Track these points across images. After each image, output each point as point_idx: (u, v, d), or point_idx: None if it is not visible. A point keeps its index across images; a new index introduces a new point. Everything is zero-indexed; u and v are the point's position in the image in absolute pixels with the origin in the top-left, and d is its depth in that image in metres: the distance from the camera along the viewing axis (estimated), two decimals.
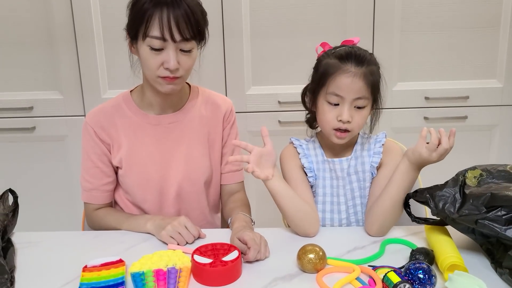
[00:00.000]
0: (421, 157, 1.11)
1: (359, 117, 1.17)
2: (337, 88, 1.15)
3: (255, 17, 1.99)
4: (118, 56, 1.99)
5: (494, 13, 1.97)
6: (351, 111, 1.16)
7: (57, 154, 2.14)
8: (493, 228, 0.96)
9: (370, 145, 1.26)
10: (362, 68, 1.15)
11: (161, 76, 1.17)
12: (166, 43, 1.14)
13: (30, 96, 2.08)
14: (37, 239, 1.20)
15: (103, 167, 1.30)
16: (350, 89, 1.14)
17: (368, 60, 1.17)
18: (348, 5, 1.97)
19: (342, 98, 1.15)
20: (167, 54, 1.14)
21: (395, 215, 1.16)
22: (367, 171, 1.25)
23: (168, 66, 1.15)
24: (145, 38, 1.13)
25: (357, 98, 1.15)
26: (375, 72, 1.18)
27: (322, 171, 1.25)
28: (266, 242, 1.10)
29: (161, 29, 1.11)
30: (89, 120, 1.28)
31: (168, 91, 1.20)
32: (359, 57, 1.16)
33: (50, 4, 1.98)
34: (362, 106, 1.17)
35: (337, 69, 1.15)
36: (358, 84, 1.14)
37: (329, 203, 1.26)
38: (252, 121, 2.08)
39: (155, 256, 1.06)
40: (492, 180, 1.04)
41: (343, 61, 1.16)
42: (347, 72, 1.14)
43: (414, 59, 2.04)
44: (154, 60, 1.15)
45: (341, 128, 1.16)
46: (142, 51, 1.16)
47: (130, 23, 1.17)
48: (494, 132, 2.10)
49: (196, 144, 1.32)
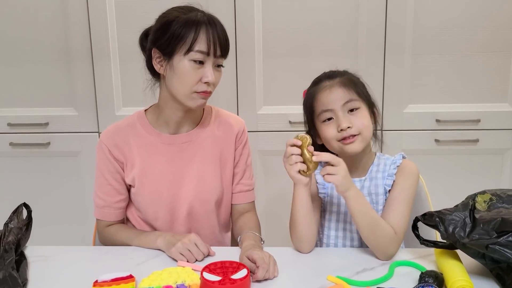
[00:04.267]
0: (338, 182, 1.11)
1: (358, 119, 1.17)
2: (322, 105, 1.19)
3: (268, 38, 2.03)
4: (133, 74, 2.03)
5: (506, 37, 1.98)
6: (347, 117, 1.17)
7: (70, 170, 2.17)
8: (504, 253, 0.96)
9: (386, 166, 1.25)
10: (336, 79, 1.20)
11: (198, 91, 1.21)
12: (207, 58, 1.20)
13: (46, 112, 2.13)
14: (49, 253, 1.21)
15: (116, 185, 1.32)
16: (334, 98, 1.18)
17: (340, 73, 1.23)
18: (360, 27, 2.00)
19: (332, 111, 1.18)
20: (207, 68, 1.20)
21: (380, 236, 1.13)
22: (381, 194, 1.24)
23: (208, 80, 1.20)
24: (189, 53, 1.18)
25: (345, 103, 1.17)
26: (353, 79, 1.22)
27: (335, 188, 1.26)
28: (275, 261, 1.10)
29: (208, 44, 1.18)
30: (104, 139, 1.31)
31: (199, 106, 1.25)
32: (330, 73, 1.23)
33: (68, 23, 2.04)
34: (355, 107, 1.18)
35: (315, 91, 1.21)
36: (338, 91, 1.18)
37: (342, 222, 1.26)
38: (263, 141, 2.10)
39: (164, 272, 1.07)
40: (502, 205, 1.03)
41: (318, 83, 1.23)
42: (323, 87, 1.20)
43: (425, 82, 2.05)
44: (194, 74, 1.20)
45: (346, 136, 1.17)
46: (180, 67, 1.20)
47: (168, 40, 1.19)
48: (506, 156, 2.09)
49: (208, 164, 1.34)
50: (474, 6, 1.97)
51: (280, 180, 2.13)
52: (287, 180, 1.93)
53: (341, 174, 1.11)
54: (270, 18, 2.01)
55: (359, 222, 1.14)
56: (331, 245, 1.28)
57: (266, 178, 2.14)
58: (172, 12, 1.22)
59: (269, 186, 2.15)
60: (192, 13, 1.20)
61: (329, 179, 1.12)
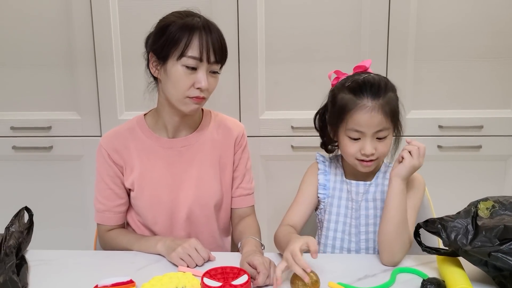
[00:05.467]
0: (414, 168, 1.14)
1: (382, 146, 1.17)
2: (356, 125, 1.15)
3: (270, 43, 2.03)
4: (135, 79, 2.04)
5: (509, 43, 1.98)
6: (374, 143, 1.16)
7: (73, 174, 2.17)
8: (507, 261, 0.95)
9: None
10: (379, 100, 1.14)
11: (190, 96, 1.21)
12: (200, 63, 1.19)
13: (48, 116, 2.13)
14: (50, 257, 1.21)
15: (116, 189, 1.32)
16: (370, 124, 1.14)
17: (383, 89, 1.16)
18: (363, 32, 2.00)
19: (362, 133, 1.15)
20: (200, 74, 1.20)
21: (401, 240, 1.14)
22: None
23: (200, 85, 1.19)
24: (181, 58, 1.18)
25: (377, 131, 1.15)
26: (393, 99, 1.18)
27: (339, 190, 1.26)
28: (276, 267, 1.10)
29: (200, 50, 1.17)
30: (103, 143, 1.31)
31: (192, 111, 1.24)
32: (374, 88, 1.15)
33: (72, 28, 2.05)
34: (383, 136, 1.16)
35: (354, 106, 1.14)
36: (377, 118, 1.14)
37: (342, 223, 1.26)
38: (265, 146, 2.10)
39: (165, 277, 1.06)
40: (504, 212, 1.03)
41: (359, 96, 1.15)
42: (364, 108, 1.13)
43: (427, 88, 2.04)
44: (186, 79, 1.19)
45: (365, 160, 1.17)
46: (173, 71, 1.20)
47: (162, 44, 1.20)
48: (509, 163, 2.08)
49: (208, 168, 1.33)
50: (477, 12, 1.97)
51: (282, 185, 2.13)
52: (289, 185, 1.94)
53: (416, 163, 1.13)
54: (272, 23, 2.01)
55: (392, 216, 1.14)
56: (329, 245, 1.28)
57: (268, 183, 2.14)
58: (170, 17, 1.23)
59: (271, 191, 2.15)
60: (188, 18, 1.21)
61: (406, 156, 1.12)
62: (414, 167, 1.14)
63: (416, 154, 1.14)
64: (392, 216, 1.14)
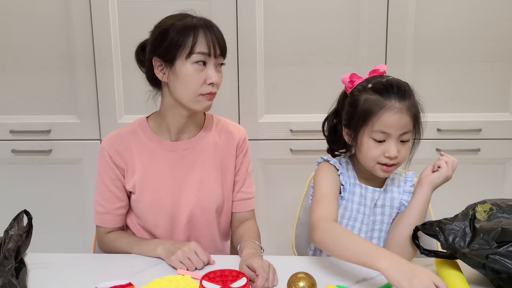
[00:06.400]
0: (447, 179, 1.16)
1: (404, 150, 1.16)
2: (384, 126, 1.12)
3: (269, 47, 2.04)
4: (135, 82, 2.03)
5: (507, 46, 1.99)
6: (398, 146, 1.15)
7: (72, 177, 2.18)
8: (505, 263, 0.95)
9: (401, 182, 1.27)
10: (406, 102, 1.13)
11: (203, 93, 1.22)
12: (208, 58, 1.21)
13: (48, 120, 2.14)
14: (49, 260, 1.21)
15: (116, 192, 1.32)
16: (398, 126, 1.12)
17: (408, 92, 1.15)
18: (361, 36, 2.01)
19: (388, 135, 1.14)
20: (210, 70, 1.22)
21: (412, 246, 1.14)
22: (395, 207, 1.24)
23: (212, 80, 1.22)
24: (190, 56, 1.19)
25: (403, 133, 1.14)
26: (416, 102, 1.18)
27: (352, 194, 1.25)
28: (275, 270, 1.10)
29: (208, 45, 1.20)
30: (105, 145, 1.31)
31: (206, 108, 1.26)
32: (400, 90, 1.13)
33: (71, 31, 2.06)
34: (407, 139, 1.16)
35: (382, 107, 1.12)
36: (405, 119, 1.13)
37: (351, 227, 1.26)
38: (264, 149, 2.10)
39: (164, 280, 1.06)
40: (502, 215, 1.03)
41: (386, 97, 1.13)
42: (393, 109, 1.12)
43: (426, 91, 2.02)
44: (198, 77, 1.21)
45: (388, 164, 1.16)
46: (183, 71, 1.21)
47: (167, 47, 1.21)
48: (507, 166, 2.08)
49: (209, 171, 1.34)
50: (475, 15, 1.98)
51: (281, 188, 2.13)
52: (288, 189, 1.94)
53: (450, 174, 1.16)
54: (271, 28, 2.02)
55: (412, 222, 1.14)
56: None
57: (267, 186, 2.14)
58: (167, 21, 1.24)
59: (270, 194, 2.15)
60: (187, 18, 1.23)
61: (443, 166, 1.15)
62: (447, 178, 1.16)
63: (451, 166, 1.16)
64: (412, 222, 1.14)
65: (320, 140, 1.36)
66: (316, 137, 2.05)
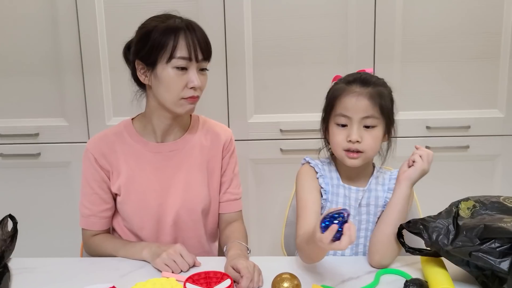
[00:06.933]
0: (423, 173, 1.16)
1: (369, 137, 1.16)
2: (344, 109, 1.16)
3: (258, 47, 2.03)
4: (123, 84, 2.02)
5: (494, 43, 1.99)
6: (360, 131, 1.16)
7: (61, 180, 2.16)
8: (487, 260, 0.95)
9: (385, 180, 1.26)
10: (368, 88, 1.16)
11: (185, 97, 1.22)
12: (190, 63, 1.20)
13: (36, 123, 2.13)
14: (33, 265, 1.21)
15: (102, 194, 1.31)
16: (356, 108, 1.15)
17: (374, 82, 1.18)
18: (349, 35, 2.01)
19: (349, 119, 1.16)
20: (191, 74, 1.21)
21: (396, 244, 1.14)
22: (380, 206, 1.24)
23: (193, 84, 1.21)
24: (171, 60, 1.19)
25: (364, 117, 1.15)
26: (384, 93, 1.18)
27: (336, 195, 1.25)
28: (260, 271, 1.10)
29: (188, 49, 1.19)
30: (90, 147, 1.31)
31: (188, 112, 1.26)
32: (365, 79, 1.18)
33: (58, 34, 2.04)
34: (371, 125, 1.16)
35: (343, 91, 1.18)
36: (363, 102, 1.15)
37: None
38: (254, 149, 2.10)
39: (148, 283, 1.06)
40: (485, 212, 1.03)
41: (349, 84, 1.18)
42: (352, 92, 1.16)
43: (415, 89, 2.05)
44: (179, 81, 1.20)
45: (351, 149, 1.16)
46: (164, 75, 1.20)
47: (149, 50, 1.20)
48: (496, 162, 2.09)
49: (195, 173, 1.33)
50: (462, 14, 1.98)
51: (271, 188, 2.12)
52: (278, 188, 1.93)
53: (426, 167, 1.15)
54: (260, 27, 2.02)
55: (394, 219, 1.14)
56: None
57: (257, 186, 2.14)
58: (150, 22, 1.23)
59: (260, 194, 2.14)
60: (170, 20, 1.21)
61: (417, 160, 1.15)
62: (424, 172, 1.16)
63: (426, 159, 1.15)
64: (393, 219, 1.14)
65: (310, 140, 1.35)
66: (306, 137, 2.04)
